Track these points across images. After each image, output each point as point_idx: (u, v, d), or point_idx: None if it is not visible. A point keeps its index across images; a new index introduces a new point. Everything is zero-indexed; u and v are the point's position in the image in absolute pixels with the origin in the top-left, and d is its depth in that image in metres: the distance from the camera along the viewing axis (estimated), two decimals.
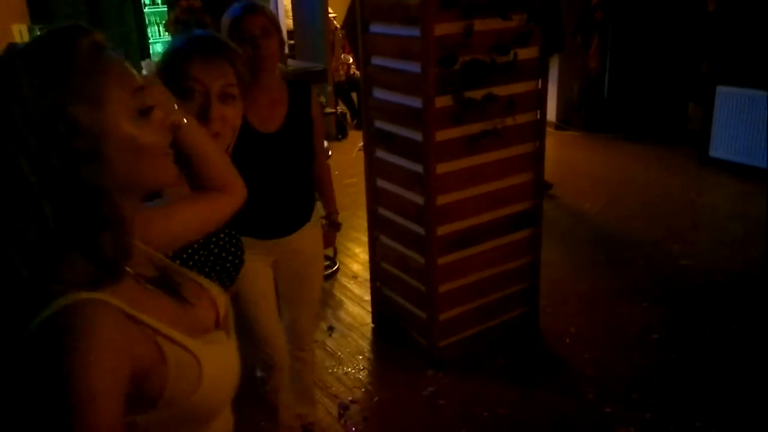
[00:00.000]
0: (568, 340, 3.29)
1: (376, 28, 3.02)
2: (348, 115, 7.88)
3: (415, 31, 2.69)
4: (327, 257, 4.09)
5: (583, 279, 3.93)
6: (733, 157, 5.51)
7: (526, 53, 2.93)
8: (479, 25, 2.76)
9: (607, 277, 3.94)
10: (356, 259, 4.29)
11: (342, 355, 3.26)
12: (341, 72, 7.65)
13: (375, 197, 3.26)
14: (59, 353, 0.73)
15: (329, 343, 3.37)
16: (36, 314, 0.76)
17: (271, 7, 5.91)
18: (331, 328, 3.50)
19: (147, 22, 6.45)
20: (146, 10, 6.46)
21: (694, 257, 4.10)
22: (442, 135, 2.80)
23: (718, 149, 5.64)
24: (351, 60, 7.73)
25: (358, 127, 6.74)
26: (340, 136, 7.25)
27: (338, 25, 7.68)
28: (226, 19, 2.12)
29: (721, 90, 5.54)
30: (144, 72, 4.02)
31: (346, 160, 5.88)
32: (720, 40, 5.60)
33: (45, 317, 0.75)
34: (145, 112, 0.86)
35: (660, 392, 2.85)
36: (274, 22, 2.15)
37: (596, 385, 2.92)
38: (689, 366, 3.03)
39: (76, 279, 0.78)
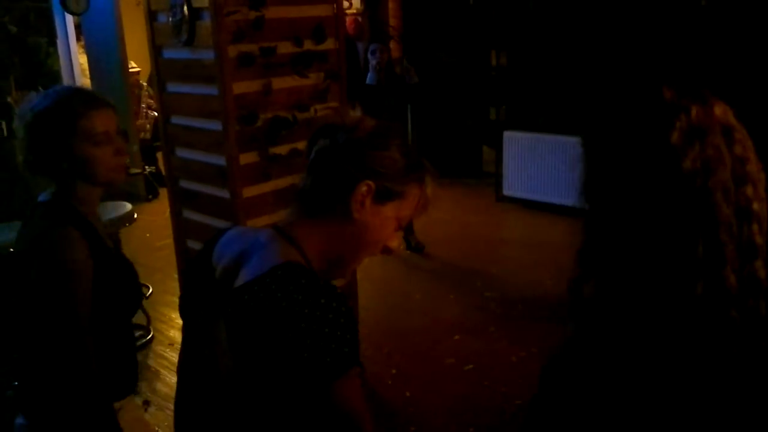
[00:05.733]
0: (390, 381, 3.39)
1: (173, 87, 2.98)
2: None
3: (213, 90, 2.69)
4: (140, 326, 3.86)
5: (398, 319, 4.09)
6: (521, 194, 6.12)
7: (325, 109, 3.05)
8: (278, 83, 2.83)
9: (420, 315, 4.14)
10: (172, 324, 4.09)
11: (160, 430, 3.06)
12: (148, 128, 7.38)
13: (186, 259, 3.16)
14: None
15: (147, 417, 3.16)
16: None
17: (64, 66, 5.55)
18: (146, 403, 3.27)
19: None
20: None
21: (496, 289, 4.45)
22: (249, 191, 2.80)
23: (509, 188, 6.23)
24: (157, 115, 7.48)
25: None
26: (150, 197, 6.94)
27: (143, 82, 7.44)
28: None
29: (507, 134, 6.16)
30: None
31: (158, 222, 5.63)
32: (503, 92, 6.29)
33: None
34: None
35: (475, 420, 3.03)
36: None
37: (417, 422, 3.03)
38: (499, 392, 3.26)
39: None
